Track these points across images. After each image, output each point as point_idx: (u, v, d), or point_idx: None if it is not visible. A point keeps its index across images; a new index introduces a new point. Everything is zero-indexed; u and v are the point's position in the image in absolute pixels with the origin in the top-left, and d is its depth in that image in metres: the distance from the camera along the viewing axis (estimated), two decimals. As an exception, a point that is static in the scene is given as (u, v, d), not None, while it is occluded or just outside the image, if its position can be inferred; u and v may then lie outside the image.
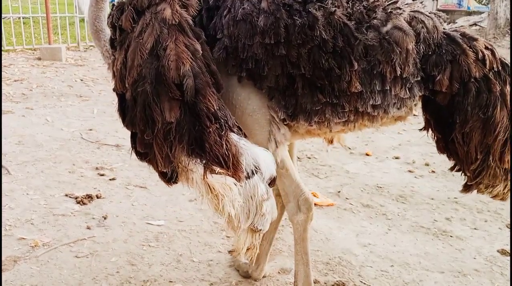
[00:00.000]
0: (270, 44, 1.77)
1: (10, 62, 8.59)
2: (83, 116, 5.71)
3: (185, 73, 1.65)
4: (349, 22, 1.76)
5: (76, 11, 11.16)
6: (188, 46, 1.71)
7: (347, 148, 4.81)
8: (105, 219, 3.25)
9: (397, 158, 4.70)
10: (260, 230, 1.81)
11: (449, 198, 3.83)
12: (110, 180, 3.88)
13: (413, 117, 2.15)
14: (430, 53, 1.85)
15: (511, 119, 1.89)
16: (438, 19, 1.89)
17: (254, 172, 1.71)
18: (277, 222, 2.52)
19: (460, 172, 2.04)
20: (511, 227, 3.34)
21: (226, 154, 1.66)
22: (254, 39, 1.78)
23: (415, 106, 2.00)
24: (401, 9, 1.82)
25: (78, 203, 3.44)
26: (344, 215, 3.49)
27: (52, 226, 3.15)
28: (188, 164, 1.68)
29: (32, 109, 5.88)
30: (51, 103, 6.20)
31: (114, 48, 1.96)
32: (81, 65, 8.88)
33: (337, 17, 1.76)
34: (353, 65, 1.76)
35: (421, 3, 1.93)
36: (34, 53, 9.67)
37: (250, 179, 1.70)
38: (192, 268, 2.75)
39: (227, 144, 1.67)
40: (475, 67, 1.84)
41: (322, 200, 3.65)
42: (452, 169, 2.07)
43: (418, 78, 1.86)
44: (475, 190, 2.02)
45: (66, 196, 3.56)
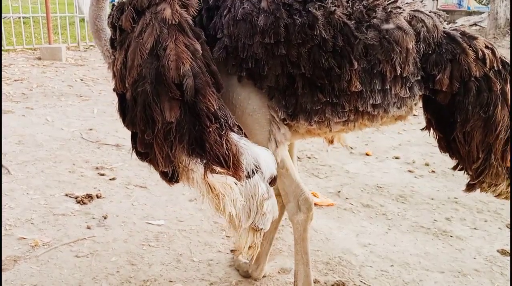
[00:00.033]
0: (270, 43, 1.77)
1: (10, 62, 8.59)
2: (83, 116, 5.71)
3: (185, 73, 1.66)
4: (349, 22, 1.76)
5: (76, 11, 11.17)
6: (188, 46, 1.71)
7: (348, 148, 4.81)
8: (105, 218, 3.25)
9: (397, 158, 4.69)
10: (261, 229, 1.81)
11: (449, 198, 3.83)
12: (110, 179, 3.88)
13: (413, 117, 2.16)
14: (430, 52, 1.85)
15: None
16: (438, 18, 1.89)
17: (254, 171, 1.71)
18: (277, 221, 2.52)
19: (462, 171, 2.04)
20: (511, 227, 3.34)
21: (226, 153, 1.66)
22: (254, 39, 1.79)
23: (415, 106, 1.99)
24: (401, 8, 1.82)
25: (78, 202, 3.45)
26: (344, 215, 3.49)
27: (52, 225, 3.15)
28: (188, 163, 1.69)
29: (32, 109, 5.88)
30: (51, 103, 6.20)
31: (114, 48, 1.97)
32: (81, 65, 8.88)
33: (337, 17, 1.75)
34: (353, 65, 1.76)
35: (421, 2, 1.93)
36: (34, 53, 9.67)
37: (250, 178, 1.70)
38: (192, 268, 2.75)
39: (227, 144, 1.67)
40: (475, 66, 1.84)
41: (322, 200, 3.65)
42: (455, 168, 2.07)
43: (418, 78, 1.86)
44: (478, 188, 2.02)
45: (66, 195, 3.56)
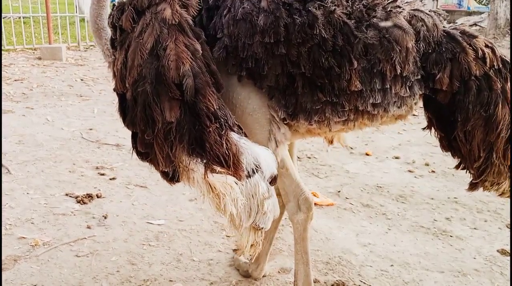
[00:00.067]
0: (270, 43, 1.77)
1: (11, 62, 8.60)
2: (84, 115, 5.71)
3: (184, 73, 1.66)
4: (349, 21, 1.76)
5: (76, 11, 11.18)
6: (188, 46, 1.71)
7: (348, 148, 4.81)
8: (105, 218, 3.25)
9: (397, 157, 4.69)
10: (262, 228, 1.81)
11: (449, 198, 3.83)
12: (110, 179, 3.89)
13: (413, 117, 2.16)
14: (430, 51, 1.85)
15: None
16: (438, 17, 1.89)
17: (254, 170, 1.71)
18: (277, 221, 2.52)
19: (465, 170, 2.04)
20: (511, 227, 3.34)
21: (226, 153, 1.66)
22: (254, 38, 1.78)
23: (416, 105, 1.99)
24: (401, 7, 1.82)
25: (78, 202, 3.45)
26: (344, 214, 3.49)
27: (52, 225, 3.15)
28: (189, 163, 1.69)
29: (32, 108, 5.88)
30: (52, 103, 6.21)
31: (114, 48, 1.96)
32: (81, 65, 8.88)
33: (336, 16, 1.75)
34: (353, 64, 1.76)
35: (421, 1, 1.93)
36: (34, 52, 9.67)
37: (251, 177, 1.70)
38: (192, 267, 2.75)
39: (227, 143, 1.67)
40: (476, 65, 1.84)
41: (322, 199, 3.65)
42: (457, 167, 2.07)
43: (418, 77, 1.86)
44: (481, 187, 2.02)
45: (67, 195, 3.57)
